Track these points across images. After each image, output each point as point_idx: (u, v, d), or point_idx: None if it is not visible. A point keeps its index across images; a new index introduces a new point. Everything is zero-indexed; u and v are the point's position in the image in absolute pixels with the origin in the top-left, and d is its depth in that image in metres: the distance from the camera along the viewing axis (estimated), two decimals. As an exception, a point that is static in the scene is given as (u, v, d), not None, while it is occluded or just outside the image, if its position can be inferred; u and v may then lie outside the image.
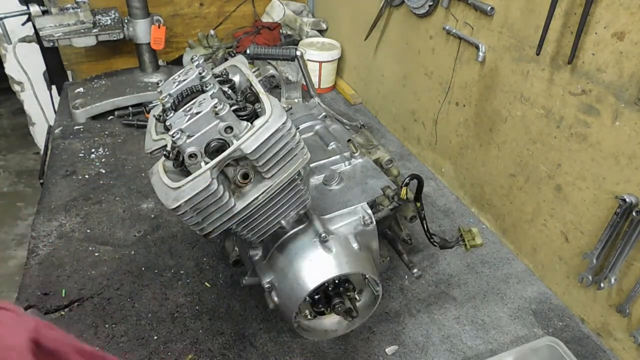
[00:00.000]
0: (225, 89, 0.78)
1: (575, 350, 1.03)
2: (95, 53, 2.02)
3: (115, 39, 1.74)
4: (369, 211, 0.97)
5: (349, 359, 1.02)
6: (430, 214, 1.43)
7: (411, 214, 1.06)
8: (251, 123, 0.72)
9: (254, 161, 0.72)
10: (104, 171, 1.51)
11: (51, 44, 1.64)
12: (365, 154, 1.12)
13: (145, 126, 1.60)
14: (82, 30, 1.69)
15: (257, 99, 0.77)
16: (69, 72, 2.01)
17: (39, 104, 2.76)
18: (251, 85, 0.79)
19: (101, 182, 1.46)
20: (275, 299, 0.90)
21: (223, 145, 0.71)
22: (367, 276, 0.93)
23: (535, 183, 1.19)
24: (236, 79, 0.85)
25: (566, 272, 1.15)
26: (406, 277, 1.21)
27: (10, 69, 2.56)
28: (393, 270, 1.22)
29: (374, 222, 0.96)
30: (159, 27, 1.81)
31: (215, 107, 0.69)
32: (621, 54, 0.92)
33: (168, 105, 0.76)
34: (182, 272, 1.19)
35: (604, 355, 1.05)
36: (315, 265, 0.87)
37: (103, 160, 1.56)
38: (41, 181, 1.57)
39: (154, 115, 0.83)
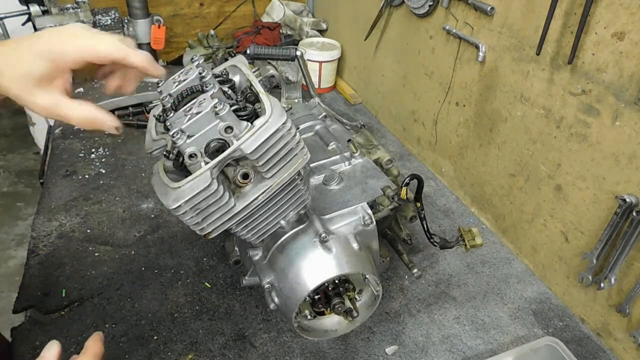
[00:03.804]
0: (225, 89, 0.78)
1: (575, 350, 1.03)
2: (95, 53, 2.02)
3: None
4: (369, 211, 0.97)
5: (349, 359, 1.02)
6: (430, 214, 1.43)
7: (411, 214, 1.06)
8: (251, 123, 0.72)
9: (254, 161, 0.71)
10: (104, 171, 1.51)
11: (51, 44, 1.64)
12: (365, 154, 1.12)
13: (145, 126, 1.60)
14: (82, 30, 1.69)
15: (257, 99, 0.77)
16: (68, 72, 2.01)
17: (39, 104, 2.74)
18: (251, 85, 0.79)
19: (101, 182, 1.46)
20: (276, 299, 0.90)
21: (223, 145, 0.70)
22: (367, 276, 0.93)
23: (535, 183, 1.19)
24: (236, 79, 0.85)
25: (566, 272, 1.15)
26: (406, 277, 1.21)
27: (10, 69, 2.55)
28: (393, 270, 1.22)
29: (374, 222, 0.96)
30: (159, 27, 1.81)
31: (215, 107, 0.68)
32: (621, 54, 0.92)
33: (168, 105, 0.76)
34: (182, 272, 1.19)
35: (604, 356, 1.05)
36: (315, 265, 0.87)
37: (103, 160, 1.56)
38: (41, 181, 1.57)
39: (154, 115, 0.83)
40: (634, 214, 0.92)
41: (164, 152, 0.74)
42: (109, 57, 0.64)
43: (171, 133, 0.69)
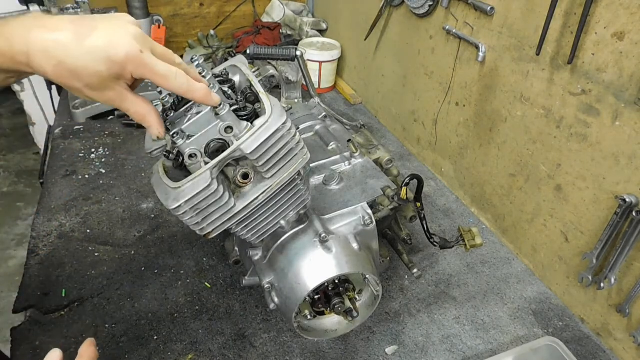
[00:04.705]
0: (225, 89, 0.78)
1: (575, 350, 1.03)
2: (95, 53, 2.02)
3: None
4: (369, 211, 0.97)
5: (349, 359, 1.02)
6: (430, 214, 1.43)
7: (411, 214, 1.06)
8: (251, 123, 0.72)
9: (254, 161, 0.72)
10: (104, 171, 1.51)
11: (51, 44, 1.64)
12: (365, 154, 1.12)
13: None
14: (82, 30, 1.69)
15: (257, 99, 0.77)
16: (69, 72, 2.01)
17: (39, 104, 2.76)
18: (251, 85, 0.79)
19: (101, 182, 1.46)
20: (276, 299, 0.90)
21: (223, 146, 0.71)
22: (367, 276, 0.93)
23: (535, 183, 1.19)
24: (236, 79, 0.85)
25: (566, 272, 1.15)
26: (406, 277, 1.21)
27: (10, 69, 2.55)
28: (393, 270, 1.22)
29: (374, 222, 0.96)
30: (159, 27, 1.81)
31: (216, 107, 0.69)
32: (621, 54, 0.92)
33: (168, 105, 0.76)
34: (182, 272, 1.19)
35: (604, 356, 1.05)
36: (315, 265, 0.87)
37: (103, 160, 1.56)
38: (41, 181, 1.57)
39: (154, 115, 0.83)
40: (634, 214, 0.92)
41: (164, 152, 0.74)
42: (176, 91, 0.65)
43: (171, 133, 0.69)
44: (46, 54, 0.57)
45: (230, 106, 0.71)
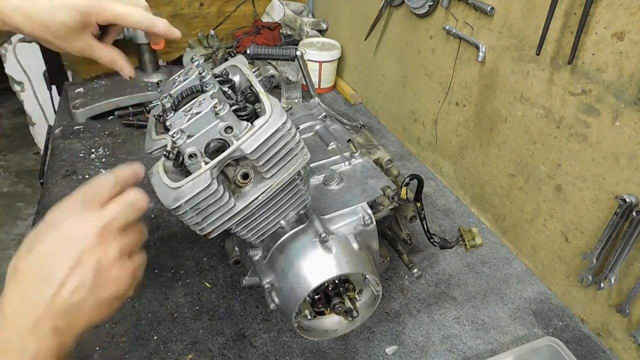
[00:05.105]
0: (225, 89, 0.78)
1: (575, 350, 1.03)
2: (95, 53, 2.02)
3: (115, 38, 1.74)
4: (369, 211, 0.97)
5: (349, 359, 1.02)
6: (430, 214, 1.43)
7: (411, 214, 1.06)
8: (251, 123, 0.72)
9: (254, 161, 0.72)
10: (104, 171, 1.51)
11: (51, 44, 1.64)
12: (365, 154, 1.12)
13: (145, 126, 1.60)
14: (82, 30, 1.69)
15: (257, 99, 0.77)
16: (69, 72, 2.02)
17: (39, 104, 2.76)
18: (251, 85, 0.79)
19: (101, 182, 1.46)
20: (276, 299, 0.90)
21: (223, 145, 0.71)
22: (367, 276, 0.93)
23: (535, 183, 1.19)
24: (236, 79, 0.85)
25: (566, 272, 1.15)
26: (406, 277, 1.21)
27: (10, 69, 2.57)
28: (393, 270, 1.22)
29: (374, 222, 0.96)
30: (159, 27, 1.81)
31: (215, 107, 0.69)
32: (621, 54, 0.92)
33: (168, 105, 0.76)
34: (182, 272, 1.19)
35: (604, 356, 1.05)
36: (315, 265, 0.87)
37: (103, 160, 1.56)
38: (41, 181, 1.57)
39: (154, 115, 0.83)
40: (634, 214, 0.92)
41: (164, 152, 0.74)
42: (137, 26, 0.75)
43: (171, 133, 0.69)
44: (18, 9, 0.68)
45: (230, 106, 0.71)
